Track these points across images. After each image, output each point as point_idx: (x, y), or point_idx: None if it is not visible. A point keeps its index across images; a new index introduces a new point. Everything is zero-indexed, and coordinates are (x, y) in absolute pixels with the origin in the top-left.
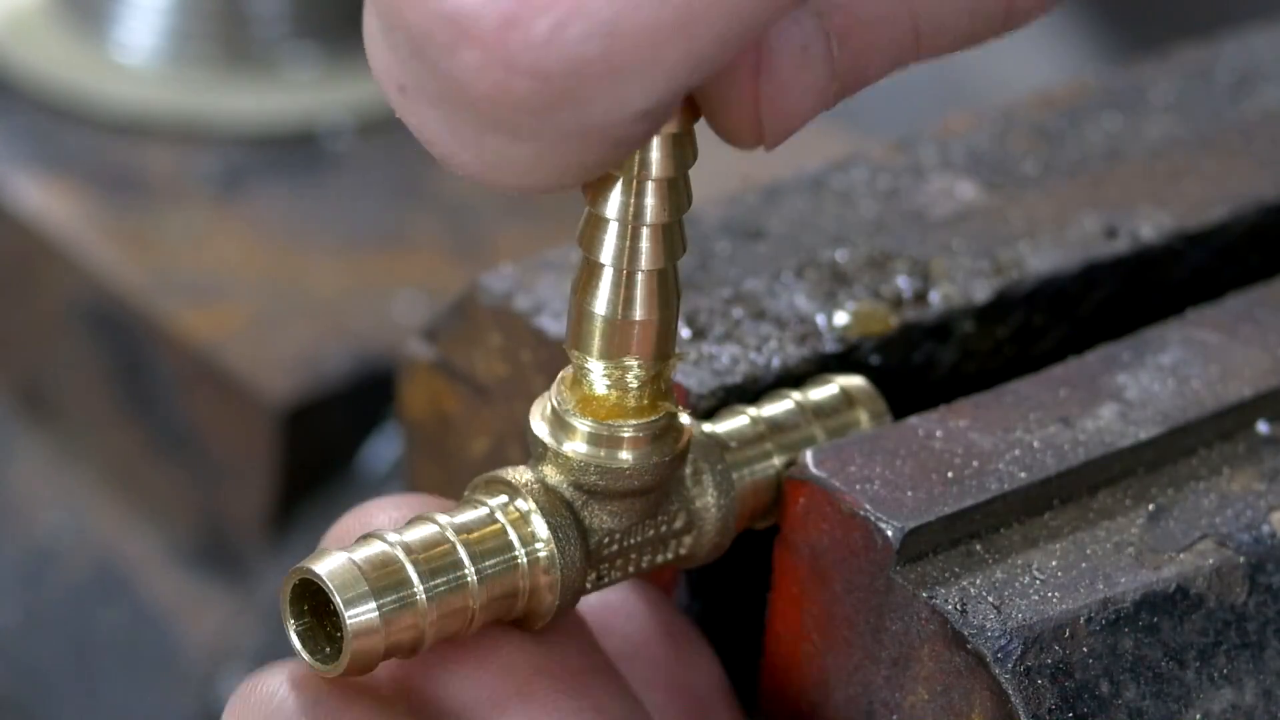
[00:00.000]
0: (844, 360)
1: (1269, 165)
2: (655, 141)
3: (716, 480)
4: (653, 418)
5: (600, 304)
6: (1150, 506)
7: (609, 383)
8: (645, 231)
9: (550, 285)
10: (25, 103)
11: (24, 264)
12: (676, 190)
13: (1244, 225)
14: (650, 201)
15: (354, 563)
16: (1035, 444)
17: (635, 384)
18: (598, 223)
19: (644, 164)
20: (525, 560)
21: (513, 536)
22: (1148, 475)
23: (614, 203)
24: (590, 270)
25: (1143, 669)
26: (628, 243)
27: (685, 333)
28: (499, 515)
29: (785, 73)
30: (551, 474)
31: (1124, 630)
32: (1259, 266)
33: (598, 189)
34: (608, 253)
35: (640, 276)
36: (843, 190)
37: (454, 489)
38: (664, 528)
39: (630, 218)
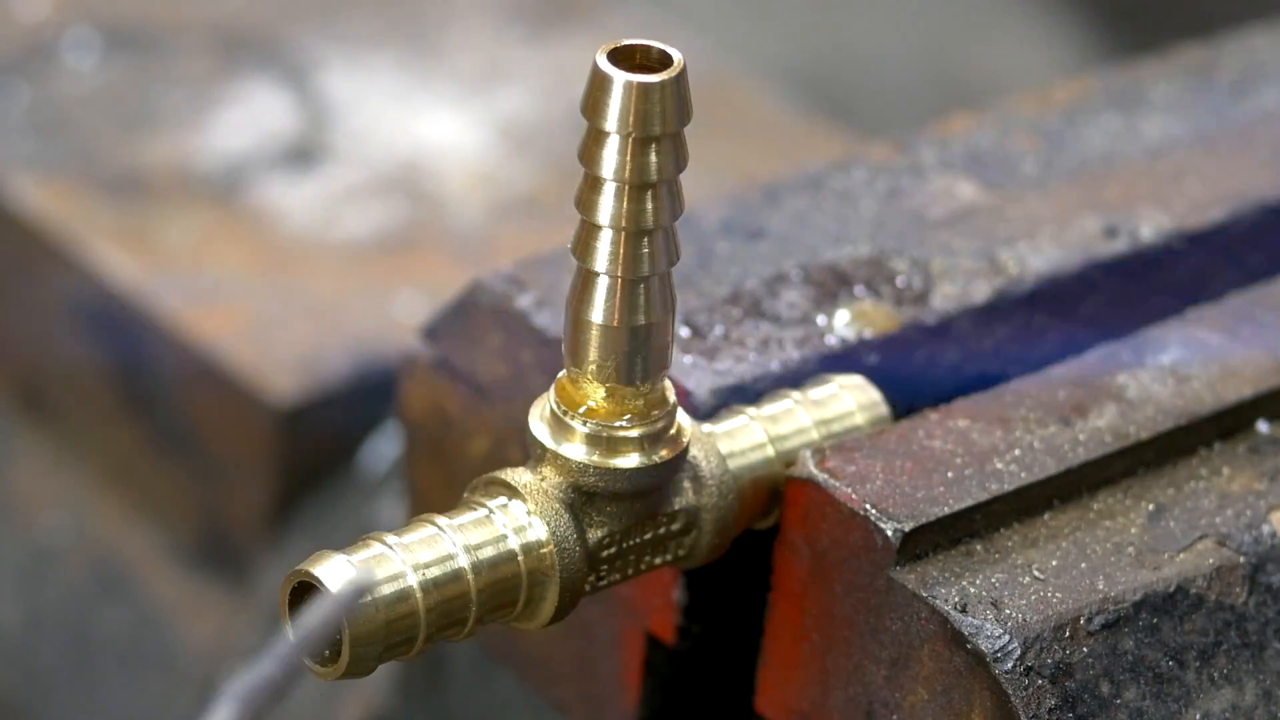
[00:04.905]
0: (844, 360)
1: (1269, 165)
2: (651, 147)
3: (716, 481)
4: (652, 419)
5: (596, 312)
6: (1150, 506)
7: (607, 386)
8: (639, 238)
9: (550, 285)
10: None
11: (24, 264)
12: (670, 196)
13: (1244, 225)
14: (643, 207)
15: (351, 565)
16: (1035, 444)
17: (633, 387)
18: (592, 230)
19: (637, 170)
20: (524, 562)
21: (511, 538)
22: (1148, 475)
23: (607, 210)
24: (586, 278)
25: (1143, 669)
26: (622, 249)
27: (685, 333)
28: (498, 517)
29: None
30: (551, 475)
31: (1124, 630)
32: (1259, 266)
33: (591, 198)
34: (603, 260)
35: (635, 283)
36: (843, 190)
37: (454, 489)
38: (663, 529)
39: (624, 224)
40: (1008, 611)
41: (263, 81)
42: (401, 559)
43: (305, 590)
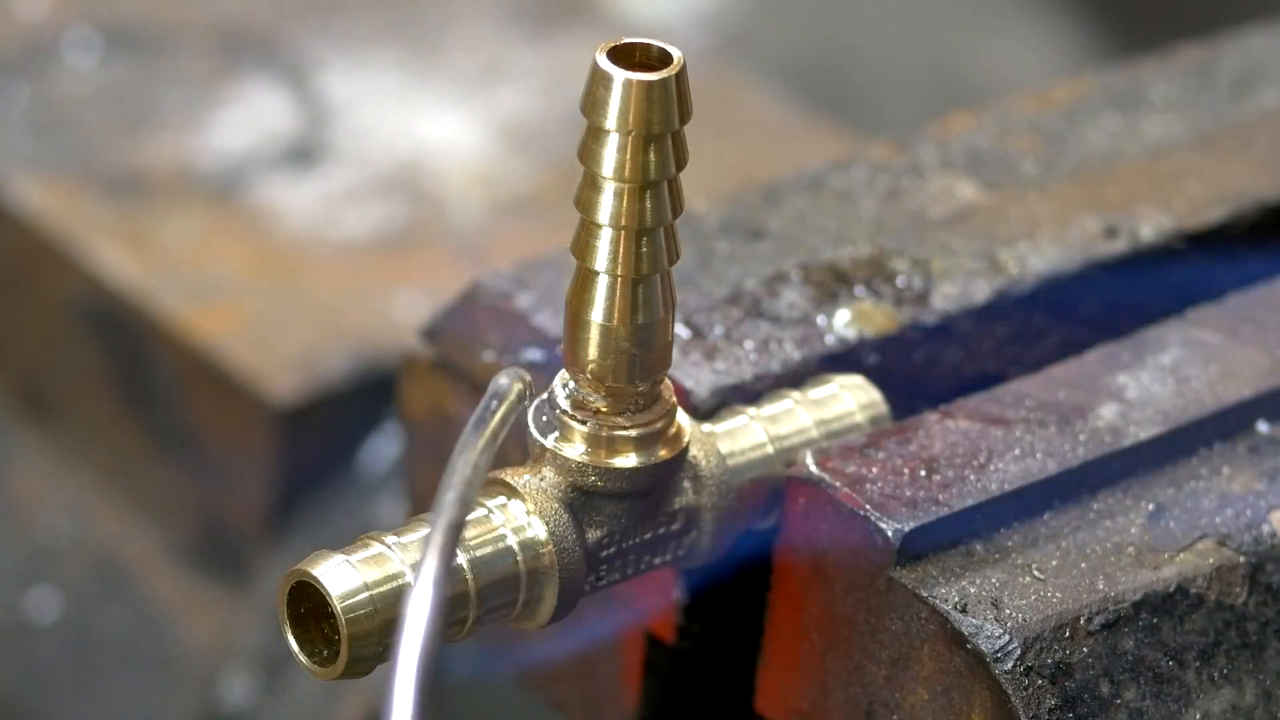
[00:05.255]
0: (844, 360)
1: (1269, 165)
2: (651, 145)
3: (716, 481)
4: (651, 419)
5: (596, 311)
6: (1150, 506)
7: (607, 386)
8: (639, 236)
9: (549, 285)
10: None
11: (24, 264)
12: (670, 195)
13: (1244, 225)
14: (643, 206)
15: (350, 564)
16: (1035, 444)
17: (633, 387)
18: (592, 229)
19: (637, 169)
20: (523, 562)
21: (511, 538)
22: (1148, 475)
23: (607, 209)
24: (585, 277)
25: (1143, 669)
26: (622, 248)
27: (685, 333)
28: (497, 516)
29: None
30: (550, 475)
31: (1124, 630)
32: (1259, 266)
33: (590, 196)
34: (603, 259)
35: (635, 282)
36: (843, 190)
37: None
38: (663, 529)
39: (624, 223)
40: (1008, 611)
41: (263, 81)
42: (401, 559)
43: (303, 592)
